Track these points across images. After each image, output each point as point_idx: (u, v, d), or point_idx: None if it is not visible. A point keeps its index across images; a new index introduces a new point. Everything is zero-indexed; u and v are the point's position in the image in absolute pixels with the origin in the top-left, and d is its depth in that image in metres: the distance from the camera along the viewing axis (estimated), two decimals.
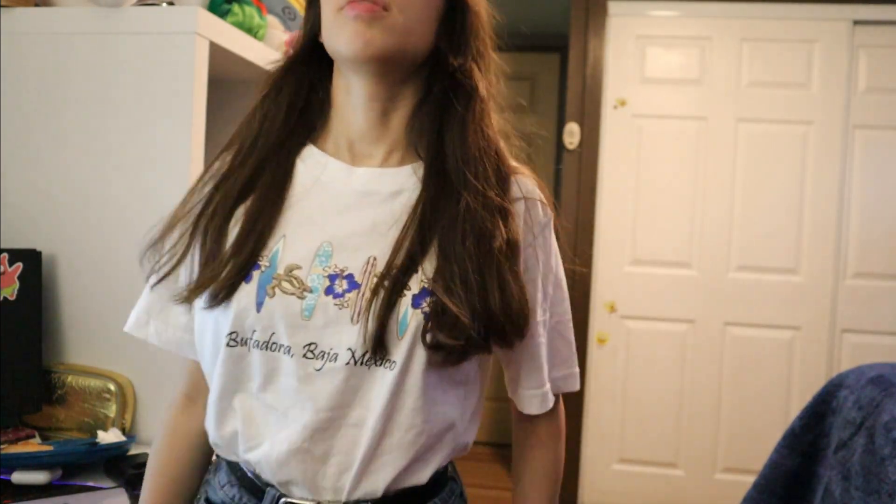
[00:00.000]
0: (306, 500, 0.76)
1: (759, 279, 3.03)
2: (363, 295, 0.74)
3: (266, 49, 1.69)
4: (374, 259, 0.75)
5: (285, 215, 0.79)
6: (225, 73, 1.75)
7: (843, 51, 2.96)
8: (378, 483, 0.76)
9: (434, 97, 0.80)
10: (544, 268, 0.84)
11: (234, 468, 0.82)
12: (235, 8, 1.58)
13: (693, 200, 3.06)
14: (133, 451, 1.33)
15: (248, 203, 0.79)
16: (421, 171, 0.79)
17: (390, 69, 0.78)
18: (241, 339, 0.76)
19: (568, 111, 3.12)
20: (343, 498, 0.76)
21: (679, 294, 3.07)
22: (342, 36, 0.74)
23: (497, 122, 0.84)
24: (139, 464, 1.22)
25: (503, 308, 0.74)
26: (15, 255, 1.32)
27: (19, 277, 1.32)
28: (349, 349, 0.73)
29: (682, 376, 3.08)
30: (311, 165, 0.82)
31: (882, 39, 2.96)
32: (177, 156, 1.38)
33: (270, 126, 0.81)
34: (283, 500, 0.77)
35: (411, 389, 0.74)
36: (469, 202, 0.75)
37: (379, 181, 0.80)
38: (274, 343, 0.75)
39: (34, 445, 1.25)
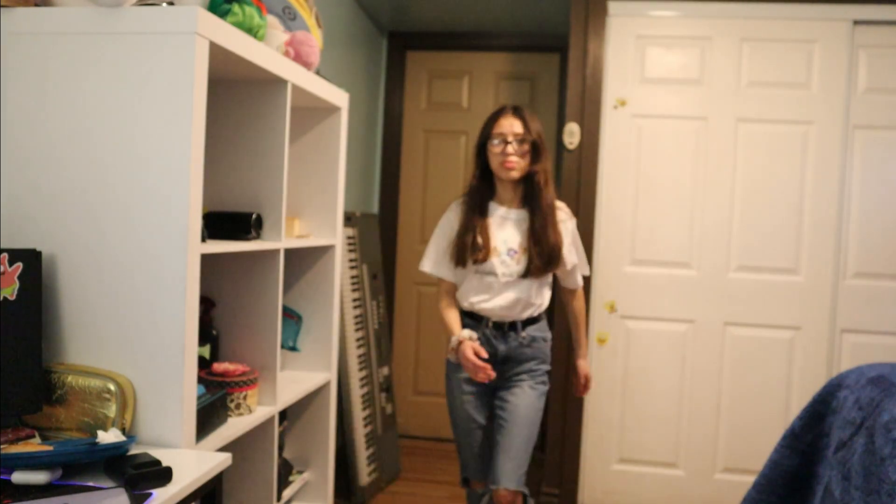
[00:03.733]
0: (503, 319, 2.18)
1: (759, 279, 3.03)
2: (518, 255, 2.16)
3: (266, 49, 1.69)
4: (519, 243, 2.17)
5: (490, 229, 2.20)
6: (225, 73, 1.75)
7: (843, 51, 2.96)
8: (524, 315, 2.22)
9: (530, 182, 2.18)
10: (573, 245, 2.27)
11: (469, 313, 2.24)
12: (235, 8, 1.58)
13: (693, 200, 3.06)
14: (133, 450, 1.32)
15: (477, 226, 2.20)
16: (526, 211, 2.20)
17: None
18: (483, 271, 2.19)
19: (568, 111, 3.12)
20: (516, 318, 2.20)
21: (679, 294, 3.07)
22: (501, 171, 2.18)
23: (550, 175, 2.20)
24: (139, 464, 1.22)
25: (555, 259, 2.17)
26: (15, 255, 1.32)
27: (19, 277, 1.33)
28: (518, 272, 2.16)
29: (682, 376, 3.09)
30: (493, 208, 2.22)
31: (882, 39, 2.96)
32: (177, 156, 1.38)
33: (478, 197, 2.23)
34: (491, 321, 2.18)
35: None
36: (546, 221, 2.17)
37: (516, 214, 2.21)
38: (491, 272, 2.17)
39: (34, 445, 1.25)
